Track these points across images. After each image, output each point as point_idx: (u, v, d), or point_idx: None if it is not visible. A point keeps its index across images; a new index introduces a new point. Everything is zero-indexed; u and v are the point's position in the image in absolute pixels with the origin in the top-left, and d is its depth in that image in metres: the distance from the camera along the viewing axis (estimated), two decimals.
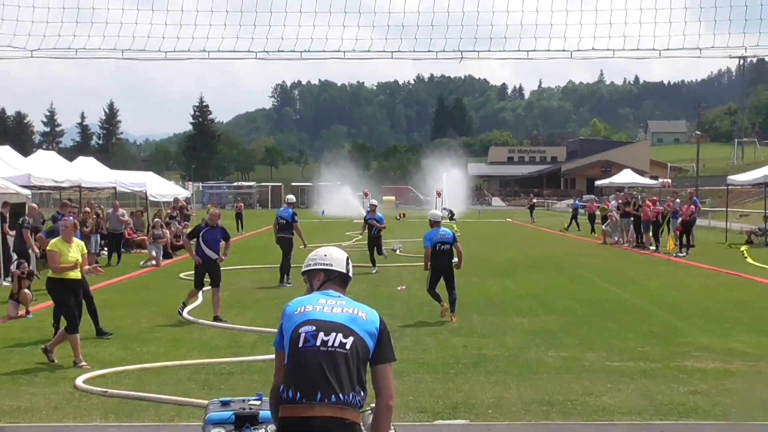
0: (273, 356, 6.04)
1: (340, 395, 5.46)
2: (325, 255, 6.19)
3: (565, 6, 11.52)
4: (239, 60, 11.53)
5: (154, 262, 31.22)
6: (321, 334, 5.60)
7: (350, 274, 6.20)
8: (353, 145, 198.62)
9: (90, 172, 38.78)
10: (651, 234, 37.64)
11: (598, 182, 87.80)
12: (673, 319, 18.63)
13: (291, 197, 28.66)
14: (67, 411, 11.23)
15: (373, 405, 5.72)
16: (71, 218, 16.47)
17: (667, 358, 14.43)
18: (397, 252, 36.85)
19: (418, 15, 11.59)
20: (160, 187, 48.94)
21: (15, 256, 23.46)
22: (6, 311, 19.34)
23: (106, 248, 33.49)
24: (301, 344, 5.61)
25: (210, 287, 19.23)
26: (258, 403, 6.76)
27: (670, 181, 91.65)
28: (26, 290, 19.79)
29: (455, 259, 19.12)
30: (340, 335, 5.60)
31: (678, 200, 41.39)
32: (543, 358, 14.51)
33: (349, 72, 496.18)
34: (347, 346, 5.59)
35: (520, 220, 70.04)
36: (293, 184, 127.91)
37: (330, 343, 5.57)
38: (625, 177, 77.23)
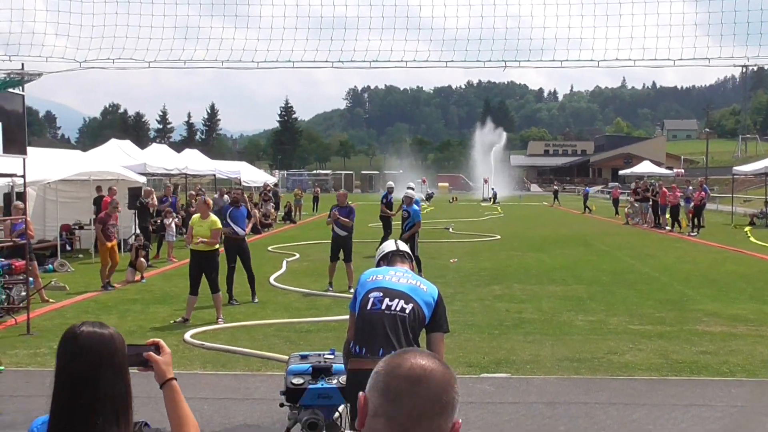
0: (344, 317, 6.04)
1: None
2: (381, 249, 6.47)
3: (593, 22, 11.25)
4: (318, 68, 11.44)
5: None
6: (386, 300, 5.66)
7: (401, 249, 6.29)
8: (413, 140, 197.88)
9: (194, 161, 39.08)
10: (668, 216, 37.01)
11: (621, 172, 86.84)
12: (686, 289, 18.28)
13: (392, 184, 27.88)
14: (173, 360, 11.27)
15: None
16: (204, 197, 16.52)
17: (681, 323, 14.16)
18: (450, 230, 36.75)
19: (468, 30, 11.40)
20: (252, 174, 49.24)
21: (133, 229, 23.71)
22: (125, 276, 19.56)
23: None
24: (369, 307, 5.68)
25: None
26: (332, 357, 6.70)
27: (683, 171, 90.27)
28: (142, 259, 20.00)
29: None
30: (402, 301, 5.63)
31: (690, 187, 40.71)
32: (573, 321, 14.32)
33: (409, 78, 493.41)
34: (407, 311, 5.62)
35: (556, 204, 69.16)
36: (363, 172, 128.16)
37: (393, 308, 5.61)
38: (645, 167, 76.03)
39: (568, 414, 8.95)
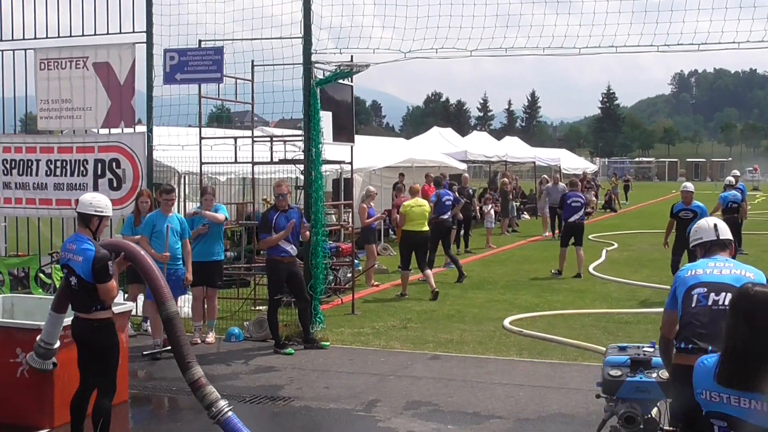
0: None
1: None
2: (696, 231, 5.93)
3: None
4: (642, 53, 11.12)
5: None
6: (712, 295, 5.30)
7: (721, 238, 5.74)
8: (744, 126, 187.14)
9: (514, 148, 39.52)
10: None
11: None
12: None
13: (736, 172, 25.82)
14: (489, 346, 11.48)
15: None
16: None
17: None
18: None
19: None
20: (572, 162, 48.96)
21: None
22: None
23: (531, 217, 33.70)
24: (693, 304, 5.35)
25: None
26: (651, 350, 6.48)
27: None
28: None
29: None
30: (729, 294, 5.22)
31: None
32: None
33: (742, 60, 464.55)
34: None
35: None
36: (688, 159, 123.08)
37: (720, 302, 5.24)
38: None
39: None
